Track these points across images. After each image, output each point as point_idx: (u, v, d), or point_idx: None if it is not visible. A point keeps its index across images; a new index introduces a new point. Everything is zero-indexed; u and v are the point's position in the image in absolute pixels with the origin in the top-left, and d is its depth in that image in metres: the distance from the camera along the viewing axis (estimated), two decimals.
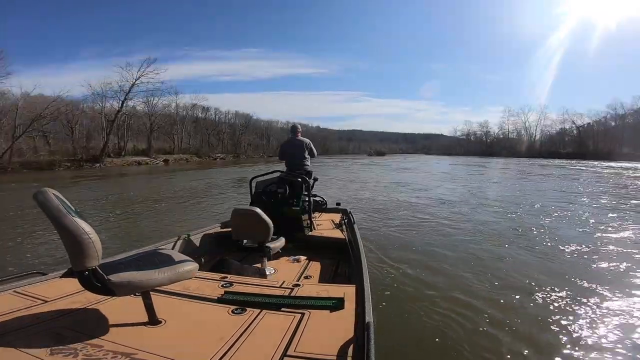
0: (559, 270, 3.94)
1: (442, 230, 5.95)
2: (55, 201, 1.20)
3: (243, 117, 63.95)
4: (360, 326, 1.38)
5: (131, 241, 5.23)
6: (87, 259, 1.19)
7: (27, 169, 24.44)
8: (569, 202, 9.32)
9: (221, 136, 57.02)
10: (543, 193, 11.41)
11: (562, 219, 6.95)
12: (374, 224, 6.39)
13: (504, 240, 5.29)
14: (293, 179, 3.66)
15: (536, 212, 7.69)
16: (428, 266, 4.04)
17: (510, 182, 15.52)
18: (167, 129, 45.76)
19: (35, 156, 27.63)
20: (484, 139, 75.77)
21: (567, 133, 62.09)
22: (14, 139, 25.91)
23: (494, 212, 7.77)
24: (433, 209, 8.10)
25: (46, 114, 28.81)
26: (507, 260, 4.34)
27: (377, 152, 79.91)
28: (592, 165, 29.22)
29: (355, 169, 25.45)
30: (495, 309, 2.95)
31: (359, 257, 2.50)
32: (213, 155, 48.07)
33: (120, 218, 7.49)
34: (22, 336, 1.27)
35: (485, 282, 3.57)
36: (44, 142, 31.74)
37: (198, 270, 1.60)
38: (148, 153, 38.10)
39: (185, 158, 41.53)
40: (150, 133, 40.85)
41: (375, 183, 14.85)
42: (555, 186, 13.56)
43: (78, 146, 32.42)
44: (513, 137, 69.57)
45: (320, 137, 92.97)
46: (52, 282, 1.81)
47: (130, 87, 34.39)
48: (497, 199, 10.02)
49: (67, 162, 28.18)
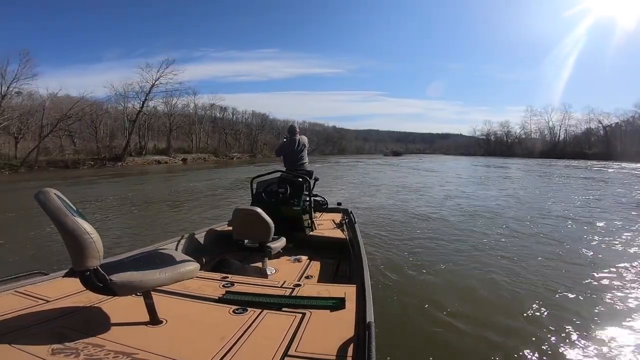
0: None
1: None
2: (56, 201, 1.20)
3: (259, 116, 64.76)
4: (361, 326, 1.37)
5: (153, 234, 5.76)
6: (89, 258, 1.19)
7: (53, 167, 25.57)
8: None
9: (238, 136, 57.86)
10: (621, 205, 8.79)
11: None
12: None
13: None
14: (294, 178, 3.66)
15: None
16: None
17: (561, 188, 12.82)
18: (186, 129, 46.84)
19: (61, 155, 28.81)
20: (505, 139, 73.72)
21: (593, 133, 59.48)
22: (40, 138, 27.09)
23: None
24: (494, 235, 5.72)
25: (71, 114, 29.99)
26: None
27: (394, 152, 79.13)
28: (634, 168, 26.25)
29: (369, 169, 25.19)
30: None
31: (359, 257, 2.50)
32: (230, 154, 48.80)
33: (139, 214, 7.78)
34: (23, 336, 1.27)
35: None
36: (70, 141, 33.05)
37: (199, 270, 1.60)
38: (167, 152, 39.12)
39: (203, 157, 42.35)
40: (169, 133, 41.92)
41: (394, 187, 12.93)
42: (622, 195, 10.95)
43: (102, 145, 33.62)
44: (536, 137, 67.39)
45: (336, 137, 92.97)
46: (54, 282, 1.81)
47: (150, 87, 35.44)
48: (566, 214, 7.42)
49: (91, 160, 29.31)
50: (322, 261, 2.96)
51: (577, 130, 62.28)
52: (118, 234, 5.97)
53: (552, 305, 3.03)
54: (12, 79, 26.59)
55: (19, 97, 29.14)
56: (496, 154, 65.68)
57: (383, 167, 26.80)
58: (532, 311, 2.93)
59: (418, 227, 6.22)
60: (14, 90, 27.62)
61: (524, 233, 5.81)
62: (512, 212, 7.81)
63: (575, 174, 20.18)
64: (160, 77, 35.51)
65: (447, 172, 21.62)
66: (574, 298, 3.20)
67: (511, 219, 7.00)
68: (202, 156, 42.79)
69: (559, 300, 3.17)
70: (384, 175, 19.35)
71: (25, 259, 4.39)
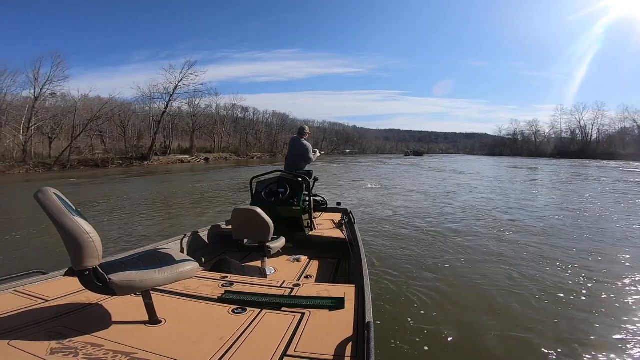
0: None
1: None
2: (56, 201, 1.20)
3: (280, 116, 65.39)
4: (360, 326, 1.37)
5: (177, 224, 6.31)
6: (88, 258, 1.19)
7: (84, 166, 26.80)
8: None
9: (258, 135, 58.65)
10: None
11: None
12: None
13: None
14: (293, 178, 3.67)
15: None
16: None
17: (623, 198, 9.77)
18: (208, 129, 47.93)
19: (92, 154, 30.12)
20: (533, 138, 70.82)
21: (628, 132, 56.10)
22: (72, 138, 28.42)
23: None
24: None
25: (101, 115, 31.29)
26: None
27: (415, 152, 77.84)
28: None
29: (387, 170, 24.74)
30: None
31: (359, 257, 2.49)
32: (250, 154, 49.55)
33: (163, 209, 8.12)
34: (22, 335, 1.26)
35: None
36: (100, 141, 34.51)
37: (198, 269, 1.60)
38: (191, 152, 40.18)
39: (224, 157, 43.26)
40: (192, 132, 43.01)
41: (409, 193, 10.99)
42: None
43: (129, 145, 34.89)
44: (566, 137, 64.24)
45: (356, 137, 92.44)
46: (53, 282, 1.81)
47: (173, 89, 36.46)
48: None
49: (120, 159, 30.47)
50: (321, 261, 2.97)
51: (611, 130, 59.12)
52: (144, 225, 6.39)
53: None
54: (44, 81, 28.13)
55: (53, 98, 30.76)
56: (523, 154, 63.42)
57: (399, 168, 26.17)
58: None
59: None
60: (48, 92, 29.17)
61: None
62: (587, 242, 5.11)
63: (626, 178, 16.88)
64: (183, 78, 36.48)
65: (475, 174, 19.85)
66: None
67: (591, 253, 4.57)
68: (223, 155, 43.70)
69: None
70: (398, 176, 18.64)
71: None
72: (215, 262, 2.46)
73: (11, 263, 4.22)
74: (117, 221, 6.76)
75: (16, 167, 22.73)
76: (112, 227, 6.14)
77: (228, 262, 2.35)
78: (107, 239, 5.11)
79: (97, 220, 6.67)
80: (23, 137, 25.89)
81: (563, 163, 35.18)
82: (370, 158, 51.39)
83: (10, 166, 22.39)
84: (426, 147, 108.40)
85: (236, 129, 54.79)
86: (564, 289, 3.38)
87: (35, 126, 26.97)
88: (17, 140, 25.53)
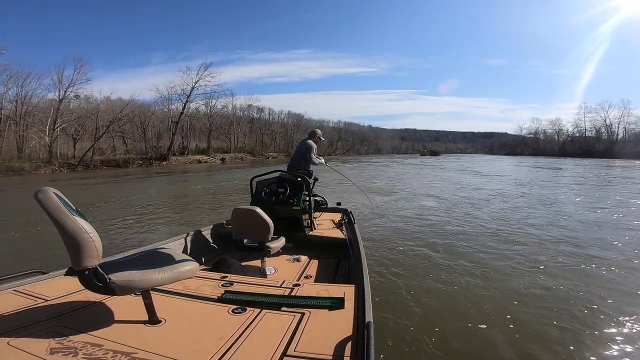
0: None
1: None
2: (55, 200, 1.20)
3: (295, 116, 65.50)
4: (360, 326, 1.37)
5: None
6: (88, 258, 1.20)
7: (106, 166, 27.64)
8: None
9: (274, 135, 59.05)
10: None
11: None
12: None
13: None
14: (293, 178, 3.67)
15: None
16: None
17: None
18: (224, 129, 48.58)
19: (113, 155, 31.02)
20: (556, 137, 68.29)
21: None
22: (95, 139, 29.35)
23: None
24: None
25: (122, 116, 32.17)
26: None
27: (431, 152, 76.54)
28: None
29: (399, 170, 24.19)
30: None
31: (359, 257, 2.48)
32: (266, 154, 49.94)
33: (180, 205, 8.86)
34: (22, 335, 1.27)
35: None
36: (122, 142, 35.50)
37: (198, 269, 1.60)
38: (208, 152, 40.87)
39: (240, 157, 43.76)
40: (209, 133, 43.67)
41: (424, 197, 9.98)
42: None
43: (149, 146, 35.74)
44: (591, 136, 61.58)
45: (372, 137, 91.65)
46: (53, 281, 1.82)
47: (190, 90, 37.07)
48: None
49: (140, 160, 31.29)
50: (321, 261, 2.96)
51: (637, 129, 56.55)
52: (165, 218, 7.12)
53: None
54: (68, 83, 29.23)
55: (77, 100, 31.86)
56: (546, 153, 61.29)
57: (413, 168, 25.58)
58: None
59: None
60: (72, 94, 30.24)
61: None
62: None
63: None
64: (199, 79, 37.04)
65: (498, 176, 17.92)
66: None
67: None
68: (239, 155, 44.21)
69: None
70: (412, 177, 18.08)
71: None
72: (215, 261, 2.46)
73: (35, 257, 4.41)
74: (142, 218, 7.30)
75: (42, 167, 23.70)
76: (135, 223, 6.70)
77: (228, 262, 2.34)
78: (132, 232, 5.79)
79: (122, 216, 7.34)
80: (49, 138, 26.97)
81: (591, 163, 33.59)
82: (385, 158, 50.85)
83: (37, 166, 23.35)
84: (443, 147, 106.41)
85: (252, 129, 55.37)
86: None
87: (60, 127, 28.02)
88: (43, 142, 26.61)
